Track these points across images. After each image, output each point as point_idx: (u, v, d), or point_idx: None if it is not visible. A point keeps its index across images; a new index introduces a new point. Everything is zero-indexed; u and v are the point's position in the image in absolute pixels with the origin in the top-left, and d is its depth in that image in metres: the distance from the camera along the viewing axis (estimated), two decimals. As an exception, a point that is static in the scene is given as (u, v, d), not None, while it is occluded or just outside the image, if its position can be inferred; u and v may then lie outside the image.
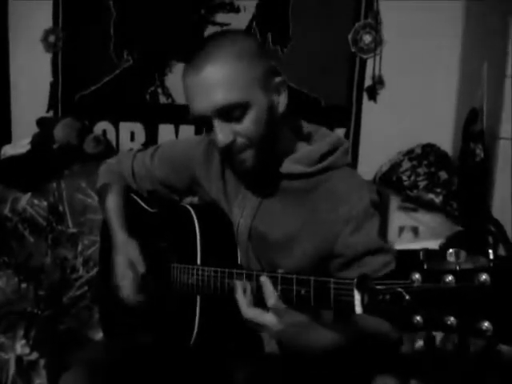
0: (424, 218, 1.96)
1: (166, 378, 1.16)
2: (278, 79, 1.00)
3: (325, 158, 1.04)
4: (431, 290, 0.59)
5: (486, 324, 0.55)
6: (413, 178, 2.09)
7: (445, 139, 2.20)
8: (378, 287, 0.65)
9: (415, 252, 0.63)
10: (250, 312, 0.90)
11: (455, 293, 0.58)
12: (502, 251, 1.84)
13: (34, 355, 1.60)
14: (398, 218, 1.96)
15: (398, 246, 1.82)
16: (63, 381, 1.13)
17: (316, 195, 1.03)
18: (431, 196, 2.03)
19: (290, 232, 1.04)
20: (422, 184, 2.07)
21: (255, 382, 1.12)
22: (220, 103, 0.93)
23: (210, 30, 2.33)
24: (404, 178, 2.11)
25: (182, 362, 1.15)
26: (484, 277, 0.56)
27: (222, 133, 0.95)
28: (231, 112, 0.94)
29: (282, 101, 1.00)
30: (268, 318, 0.88)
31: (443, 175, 2.07)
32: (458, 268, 0.58)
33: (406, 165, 2.14)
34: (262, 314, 0.89)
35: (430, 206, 2.02)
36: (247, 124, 0.95)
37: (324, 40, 2.27)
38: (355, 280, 0.70)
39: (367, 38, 2.27)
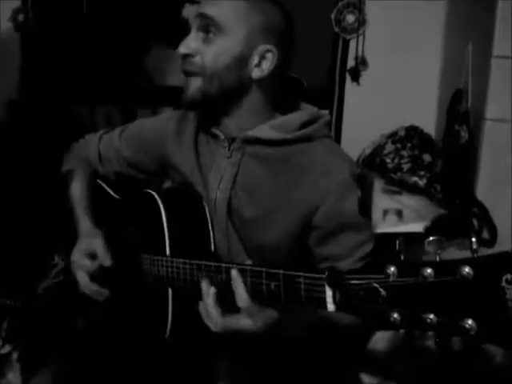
0: (408, 201, 1.94)
1: (145, 371, 1.12)
2: (269, 47, 0.99)
3: (305, 127, 1.02)
4: (408, 284, 0.54)
5: (470, 322, 0.50)
6: (396, 160, 2.07)
7: (428, 121, 2.18)
8: (352, 282, 0.60)
9: (393, 240, 0.58)
10: (223, 322, 0.85)
11: (435, 288, 0.53)
12: (486, 235, 1.82)
13: (7, 348, 1.55)
14: (381, 200, 1.93)
15: (383, 229, 1.80)
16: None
17: (295, 165, 1.01)
18: (415, 179, 2.01)
19: (269, 203, 1.01)
20: (405, 167, 2.05)
21: (237, 372, 1.10)
22: (206, 12, 0.96)
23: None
24: (387, 160, 2.08)
25: (161, 353, 1.11)
26: (466, 270, 0.51)
27: (188, 41, 0.97)
28: (207, 25, 0.96)
29: (260, 67, 0.99)
30: (243, 323, 0.83)
31: (427, 158, 2.05)
32: (437, 259, 0.54)
33: (390, 147, 2.11)
34: (236, 320, 0.84)
35: (413, 189, 2.01)
36: (211, 49, 0.96)
37: (306, 19, 2.20)
38: (325, 274, 0.64)
39: (350, 18, 2.23)
